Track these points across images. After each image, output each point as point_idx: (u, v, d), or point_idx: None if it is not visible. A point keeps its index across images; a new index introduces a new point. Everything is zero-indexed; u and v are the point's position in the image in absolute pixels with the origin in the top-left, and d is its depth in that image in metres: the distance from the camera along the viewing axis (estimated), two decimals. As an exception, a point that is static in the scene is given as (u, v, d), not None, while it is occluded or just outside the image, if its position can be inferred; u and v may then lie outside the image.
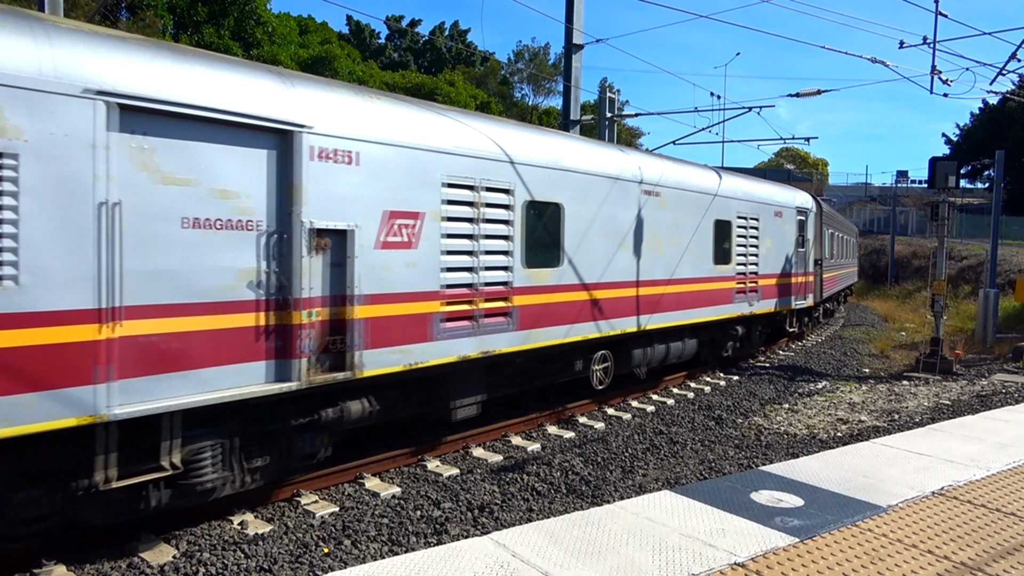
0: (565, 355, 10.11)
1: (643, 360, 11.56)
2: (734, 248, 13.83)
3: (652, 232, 11.28)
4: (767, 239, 15.18)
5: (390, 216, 7.14)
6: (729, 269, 13.65)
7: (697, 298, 12.67)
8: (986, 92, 30.52)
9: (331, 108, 6.68)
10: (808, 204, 17.84)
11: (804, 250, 17.33)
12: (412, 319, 7.38)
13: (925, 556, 4.51)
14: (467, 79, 51.89)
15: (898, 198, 45.89)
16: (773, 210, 15.50)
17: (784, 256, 16.14)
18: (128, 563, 5.74)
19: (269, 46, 28.57)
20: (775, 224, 15.60)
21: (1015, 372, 15.16)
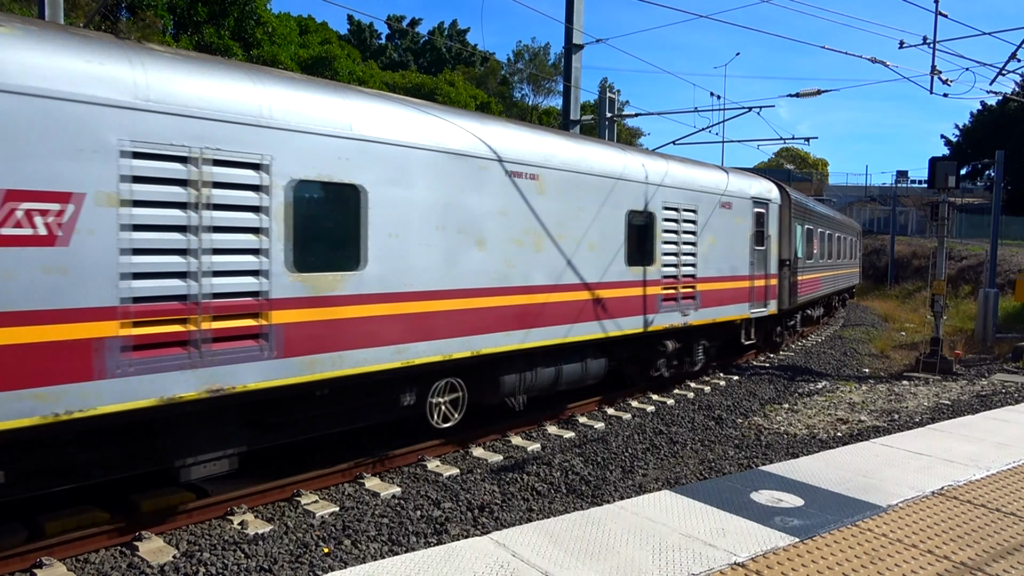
0: (381, 387, 7.77)
1: (518, 387, 9.29)
2: (659, 246, 11.35)
3: (526, 226, 8.91)
4: (709, 235, 12.79)
5: (4, 198, 4.86)
6: (652, 271, 11.25)
7: (601, 307, 10.16)
8: (986, 92, 30.58)
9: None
10: (770, 194, 15.30)
11: (764, 248, 14.85)
12: (57, 348, 5.08)
13: (925, 556, 4.52)
14: (467, 79, 51.90)
15: (898, 198, 45.89)
16: (718, 200, 13.05)
17: (736, 255, 13.72)
18: (128, 563, 5.74)
19: (269, 46, 28.57)
20: (722, 217, 13.20)
21: (1015, 372, 15.16)
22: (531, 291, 9.06)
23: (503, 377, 9.07)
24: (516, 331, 8.82)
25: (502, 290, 8.66)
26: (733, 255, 13.64)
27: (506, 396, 9.24)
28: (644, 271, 11.12)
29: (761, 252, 14.80)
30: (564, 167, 9.55)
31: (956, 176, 15.70)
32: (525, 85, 57.23)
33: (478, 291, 8.32)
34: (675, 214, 11.85)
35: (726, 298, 13.47)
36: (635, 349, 11.65)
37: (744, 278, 14.11)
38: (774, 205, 15.43)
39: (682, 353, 12.69)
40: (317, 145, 6.68)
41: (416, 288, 7.61)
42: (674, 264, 11.83)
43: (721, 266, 13.20)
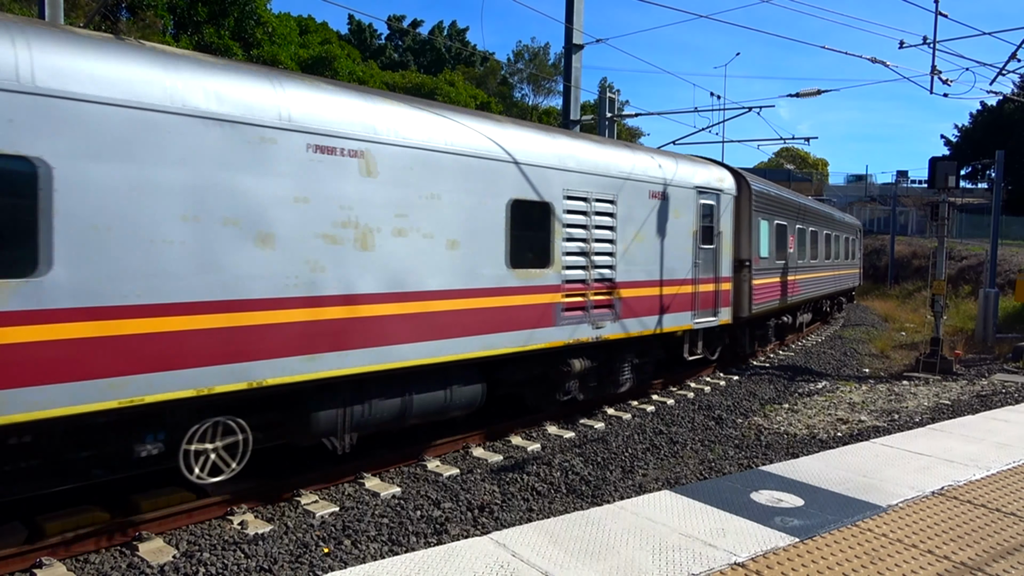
0: (95, 435, 5.97)
1: (341, 424, 7.30)
2: (559, 244, 9.36)
3: (342, 218, 6.93)
4: (634, 231, 10.73)
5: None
6: (549, 275, 9.21)
7: (469, 321, 8.18)
8: (986, 92, 30.58)
9: None
10: (721, 184, 13.18)
11: (714, 247, 12.83)
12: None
13: (925, 556, 4.51)
14: (467, 79, 51.92)
15: (898, 198, 45.89)
16: (647, 189, 10.96)
17: (673, 255, 11.67)
18: (128, 563, 5.74)
19: (269, 46, 28.58)
20: (653, 210, 11.14)
21: (1015, 372, 15.16)
22: (352, 301, 7.01)
23: (316, 414, 7.05)
24: (326, 353, 6.81)
25: (301, 301, 6.61)
26: (669, 255, 11.57)
27: (322, 436, 7.26)
28: (537, 275, 9.08)
29: (709, 251, 12.73)
30: (407, 143, 7.50)
31: (956, 176, 15.70)
32: (525, 85, 57.28)
33: (259, 302, 6.30)
34: (583, 205, 9.76)
35: (659, 306, 11.38)
36: (532, 370, 9.68)
37: (685, 282, 11.99)
38: (727, 196, 13.33)
39: (602, 372, 10.79)
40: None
41: (147, 300, 5.67)
42: (582, 266, 9.74)
43: (651, 268, 11.15)
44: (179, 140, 5.87)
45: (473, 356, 8.31)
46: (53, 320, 5.22)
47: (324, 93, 7.00)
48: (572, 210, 9.65)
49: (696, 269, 12.32)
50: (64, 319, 5.28)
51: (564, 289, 9.53)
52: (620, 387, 11.28)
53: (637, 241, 10.86)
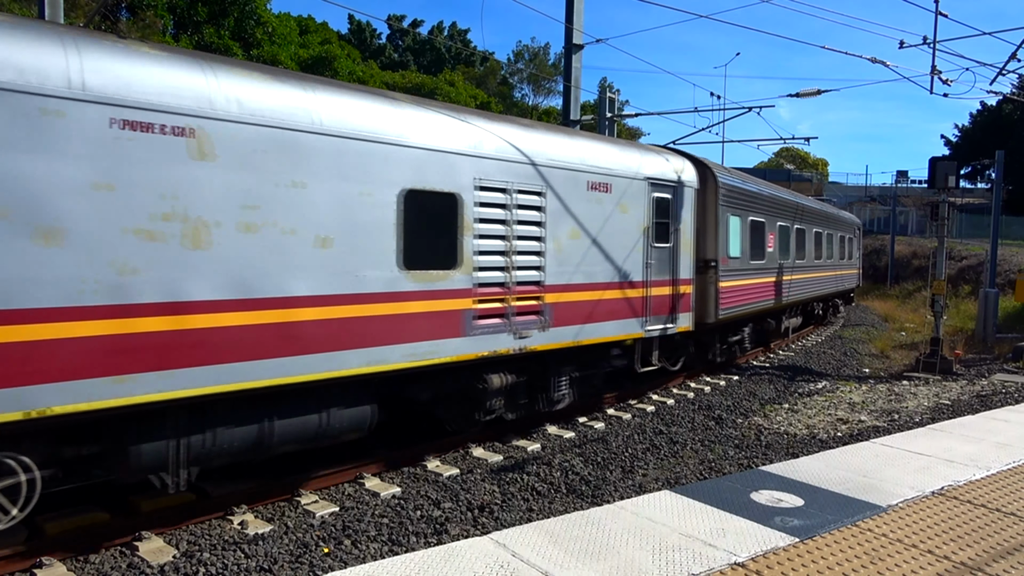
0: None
1: (174, 459, 6.07)
2: (469, 242, 8.08)
3: (164, 209, 5.74)
4: (569, 227, 9.44)
5: None
6: (456, 277, 7.95)
7: (347, 331, 6.94)
8: (986, 92, 30.54)
9: None
10: (680, 175, 11.75)
11: (670, 245, 11.47)
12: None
13: (925, 556, 4.52)
14: (467, 79, 51.94)
15: (898, 198, 45.90)
16: (586, 180, 9.71)
17: (618, 255, 10.34)
18: (128, 563, 5.74)
19: (269, 46, 28.58)
20: (592, 203, 9.84)
21: (1015, 372, 15.16)
22: (181, 310, 5.81)
23: (137, 447, 5.83)
24: (144, 373, 5.61)
25: (105, 310, 5.43)
26: (614, 255, 10.25)
27: (148, 472, 5.99)
28: (440, 277, 7.82)
29: (664, 251, 11.36)
30: (258, 120, 6.24)
31: (956, 176, 15.71)
32: (525, 85, 57.32)
33: (39, 312, 5.10)
34: (501, 197, 8.49)
35: (600, 312, 10.02)
36: (443, 387, 8.49)
37: (634, 285, 10.67)
38: (687, 189, 11.90)
39: (534, 387, 9.58)
40: None
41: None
42: (500, 267, 8.48)
43: (592, 270, 9.85)
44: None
45: (355, 373, 7.00)
46: None
47: (134, 58, 5.72)
48: (487, 202, 8.33)
49: (648, 270, 10.95)
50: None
51: (477, 294, 8.19)
52: (557, 403, 9.89)
53: (573, 239, 9.52)
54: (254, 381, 6.26)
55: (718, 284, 12.88)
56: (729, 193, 13.50)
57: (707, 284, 12.76)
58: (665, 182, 11.36)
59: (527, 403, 9.61)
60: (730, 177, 14.11)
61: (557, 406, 9.97)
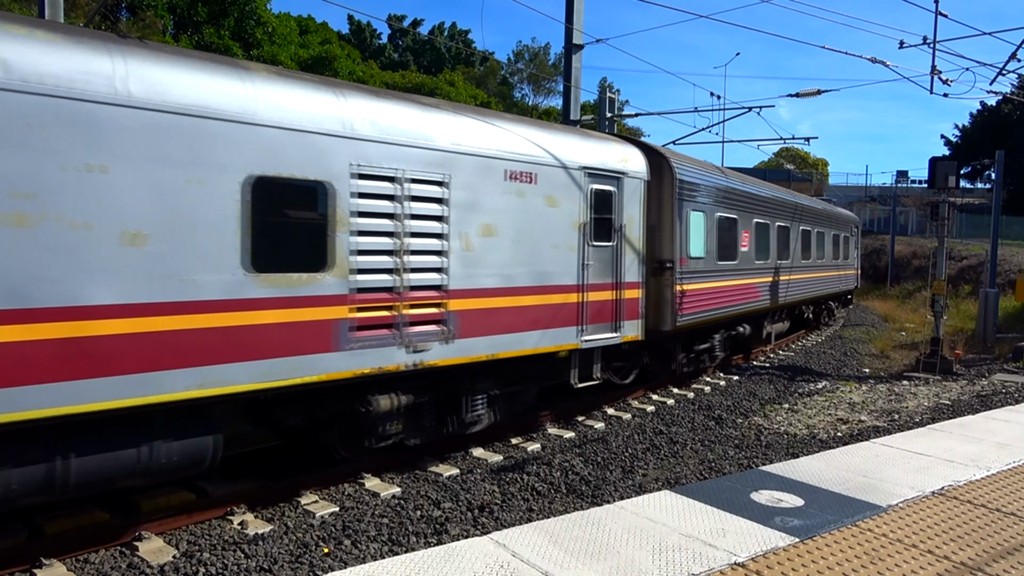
0: None
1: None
2: (343, 239, 6.85)
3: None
4: (479, 223, 8.15)
5: None
6: (325, 281, 6.71)
7: (172, 346, 5.76)
8: (986, 92, 30.50)
9: None
10: (624, 165, 10.40)
11: (613, 244, 10.14)
12: None
13: (925, 556, 4.52)
14: (467, 79, 51.96)
15: (898, 198, 45.91)
16: (503, 169, 8.43)
17: (545, 255, 9.02)
18: (128, 563, 5.75)
19: (269, 46, 28.59)
20: (512, 196, 8.52)
21: (1015, 372, 15.16)
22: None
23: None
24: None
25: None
26: (539, 255, 8.93)
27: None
28: (303, 282, 6.55)
29: (606, 250, 10.05)
30: (32, 87, 5.07)
31: (956, 176, 15.71)
32: (525, 85, 57.36)
33: None
34: (389, 187, 7.24)
35: (523, 321, 8.73)
36: (318, 410, 7.33)
37: (566, 289, 9.35)
38: (634, 181, 10.59)
39: (442, 407, 8.37)
40: None
41: None
42: (387, 269, 7.27)
43: (512, 272, 8.59)
44: None
45: (183, 398, 5.80)
46: None
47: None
48: (369, 193, 7.08)
49: (585, 273, 9.62)
50: None
51: (355, 301, 6.95)
52: (471, 425, 8.68)
53: (486, 237, 8.25)
54: (29, 411, 5.03)
55: (675, 287, 11.56)
56: (689, 186, 12.16)
57: (662, 287, 11.49)
58: (607, 172, 10.04)
59: (434, 426, 8.31)
60: (691, 168, 12.52)
61: (471, 428, 8.68)
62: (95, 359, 5.34)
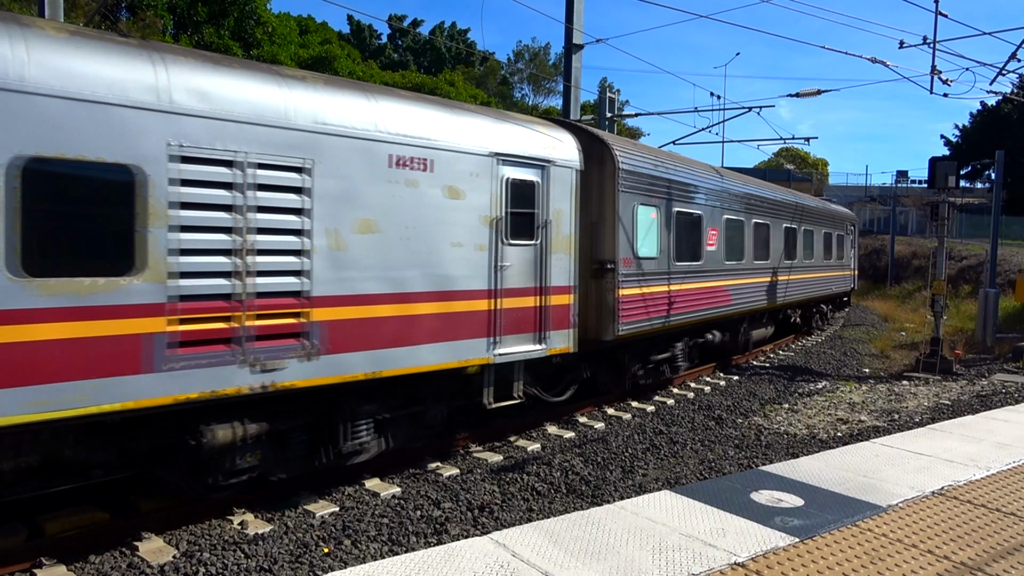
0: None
1: None
2: (158, 235, 5.69)
3: None
4: (354, 217, 6.92)
5: None
6: (133, 287, 5.54)
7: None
8: (986, 92, 30.56)
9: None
10: (552, 152, 9.16)
11: (537, 243, 8.90)
12: None
13: (925, 556, 4.52)
14: (467, 79, 51.96)
15: (898, 198, 45.92)
16: (388, 154, 7.19)
17: (445, 255, 7.77)
18: (128, 563, 5.75)
19: (269, 46, 28.59)
20: (402, 186, 7.30)
21: (1015, 372, 15.16)
22: None
23: None
24: None
25: None
26: (438, 255, 7.68)
27: None
28: (102, 287, 5.38)
29: (527, 250, 8.78)
30: None
31: (956, 176, 15.71)
32: (525, 85, 57.38)
33: None
34: (225, 173, 6.05)
35: (417, 333, 7.47)
36: (128, 443, 6.11)
37: (474, 295, 8.09)
38: (563, 171, 9.28)
39: (316, 435, 7.14)
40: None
41: None
42: (223, 272, 6.04)
43: (401, 275, 7.28)
44: None
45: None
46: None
47: None
48: (196, 180, 5.87)
49: (499, 276, 8.36)
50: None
51: (177, 311, 5.74)
52: (353, 455, 7.42)
53: (365, 234, 6.97)
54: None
55: (618, 292, 10.25)
56: (636, 177, 10.72)
57: (604, 292, 10.24)
58: (527, 160, 8.75)
59: (303, 458, 7.06)
60: (639, 157, 11.08)
61: (354, 459, 7.43)
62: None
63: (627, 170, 10.49)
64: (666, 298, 11.68)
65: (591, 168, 10.03)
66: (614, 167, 10.25)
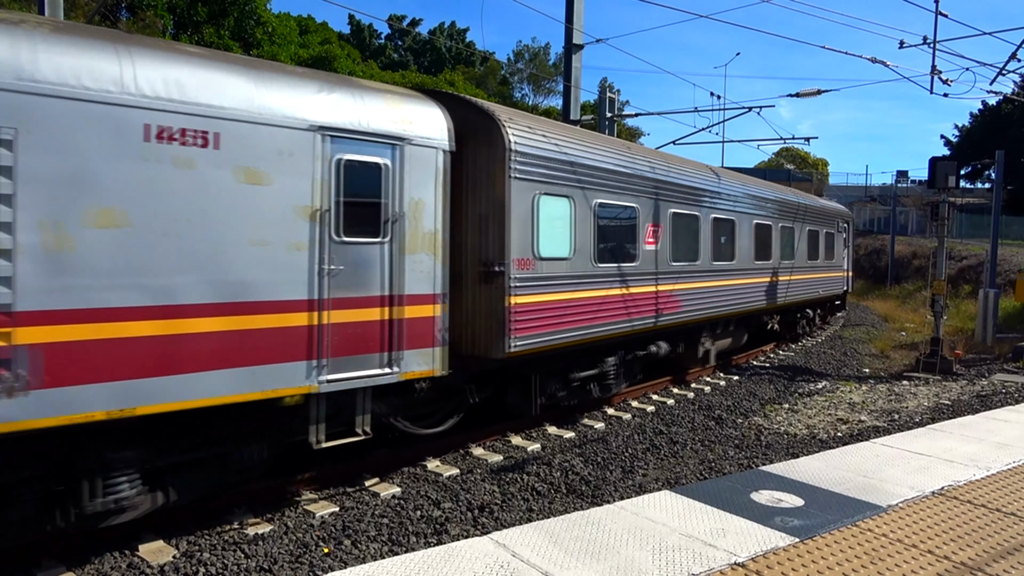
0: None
1: None
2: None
3: None
4: (95, 206, 5.33)
5: None
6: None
7: None
8: (986, 92, 30.63)
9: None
10: (408, 127, 7.42)
11: (385, 240, 7.23)
12: None
13: (925, 556, 4.52)
14: (467, 79, 51.95)
15: (898, 198, 45.92)
16: (144, 124, 5.57)
17: (240, 255, 6.12)
18: (128, 563, 5.75)
19: (269, 46, 28.58)
20: (167, 166, 5.67)
21: (1015, 372, 15.16)
22: None
23: None
24: None
25: None
26: (228, 255, 6.04)
27: None
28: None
29: (369, 250, 7.06)
30: None
31: (956, 176, 15.71)
32: (525, 85, 57.38)
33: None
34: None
35: (197, 355, 5.81)
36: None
37: (285, 306, 6.38)
38: (423, 151, 7.50)
39: (50, 492, 5.55)
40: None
41: None
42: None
43: (167, 282, 5.68)
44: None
45: None
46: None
47: None
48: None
49: (324, 281, 6.61)
50: None
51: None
52: (108, 516, 5.76)
53: (105, 228, 5.36)
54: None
55: (510, 300, 8.34)
56: (537, 161, 8.81)
57: (492, 301, 8.39)
58: (370, 137, 7.01)
59: (34, 518, 5.48)
60: (543, 137, 9.10)
61: (110, 520, 5.78)
62: None
63: (523, 152, 8.57)
64: (584, 306, 9.73)
65: (476, 149, 8.43)
66: (504, 148, 8.33)
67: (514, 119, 8.85)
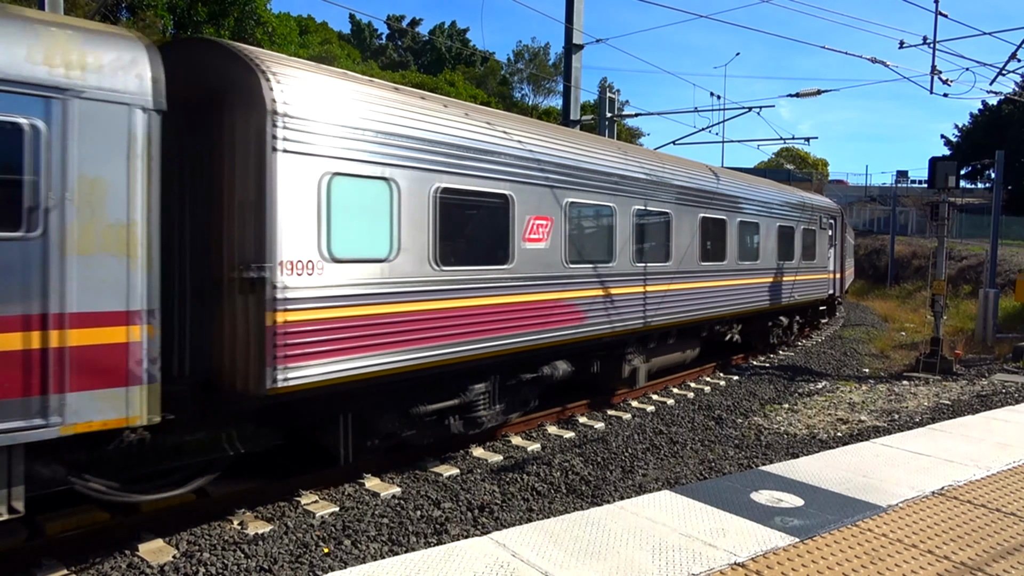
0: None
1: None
2: None
3: None
4: None
5: None
6: None
7: None
8: (986, 92, 30.61)
9: None
10: (78, 75, 5.01)
11: (34, 235, 4.81)
12: None
13: (925, 556, 4.52)
14: (467, 79, 51.96)
15: (898, 198, 45.92)
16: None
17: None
18: (128, 563, 5.75)
19: (269, 46, 28.58)
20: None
21: (1015, 372, 15.16)
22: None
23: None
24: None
25: None
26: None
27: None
28: None
29: (6, 249, 4.73)
30: None
31: (956, 176, 15.71)
32: (525, 85, 57.38)
33: None
34: None
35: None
36: None
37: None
38: (107, 109, 5.19)
39: None
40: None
41: None
42: None
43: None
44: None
45: None
46: None
47: None
48: None
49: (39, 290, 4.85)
50: None
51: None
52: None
53: None
54: None
55: (276, 316, 6.07)
56: (325, 130, 6.52)
57: (249, 316, 6.14)
58: (2, 85, 4.72)
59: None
60: (336, 96, 6.70)
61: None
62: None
63: (299, 116, 6.28)
64: (418, 322, 7.45)
65: (235, 112, 6.24)
66: (265, 109, 6.04)
67: (288, 70, 6.45)
